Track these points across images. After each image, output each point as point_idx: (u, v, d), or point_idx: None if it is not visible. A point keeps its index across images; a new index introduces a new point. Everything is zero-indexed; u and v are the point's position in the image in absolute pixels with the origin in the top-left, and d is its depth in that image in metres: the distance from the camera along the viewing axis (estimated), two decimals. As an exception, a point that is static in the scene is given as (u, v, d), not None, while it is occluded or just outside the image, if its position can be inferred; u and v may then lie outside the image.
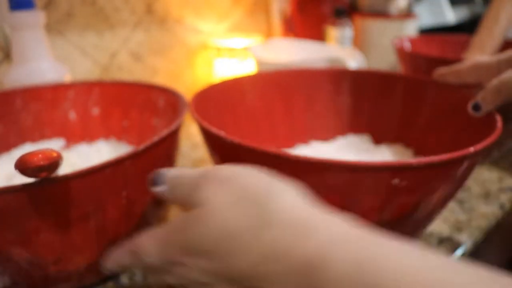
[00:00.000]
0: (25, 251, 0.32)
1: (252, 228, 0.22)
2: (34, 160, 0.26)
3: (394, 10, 0.96)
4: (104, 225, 0.35)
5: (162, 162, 0.38)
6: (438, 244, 0.44)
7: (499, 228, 0.49)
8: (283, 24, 1.01)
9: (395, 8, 0.96)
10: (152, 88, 0.51)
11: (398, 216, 0.32)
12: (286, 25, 1.01)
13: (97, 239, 0.35)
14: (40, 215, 0.31)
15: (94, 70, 0.75)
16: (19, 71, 0.57)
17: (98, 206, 0.33)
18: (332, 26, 0.87)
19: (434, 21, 1.09)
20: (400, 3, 0.96)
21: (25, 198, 0.29)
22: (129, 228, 0.37)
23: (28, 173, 0.27)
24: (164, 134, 0.36)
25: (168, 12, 0.84)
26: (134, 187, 0.35)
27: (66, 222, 0.32)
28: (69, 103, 0.54)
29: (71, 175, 0.30)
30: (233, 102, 0.50)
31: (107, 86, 0.54)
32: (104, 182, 0.32)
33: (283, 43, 0.79)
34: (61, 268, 0.35)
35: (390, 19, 0.95)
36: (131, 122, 0.53)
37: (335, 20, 0.87)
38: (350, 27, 0.87)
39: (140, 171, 0.35)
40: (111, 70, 0.78)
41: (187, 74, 0.91)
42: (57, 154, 0.27)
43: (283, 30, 1.02)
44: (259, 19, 1.03)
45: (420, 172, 0.29)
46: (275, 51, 0.75)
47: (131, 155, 0.33)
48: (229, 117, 0.49)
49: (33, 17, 0.55)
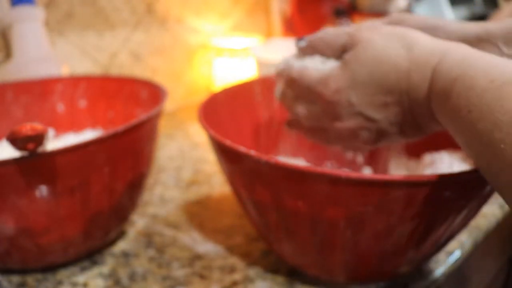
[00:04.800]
0: (15, 219, 0.36)
1: (400, 52, 0.30)
2: (23, 131, 0.30)
3: (394, 10, 0.96)
4: (88, 199, 0.39)
5: (142, 144, 0.43)
6: (438, 244, 0.44)
7: (499, 228, 0.49)
8: (283, 24, 1.01)
9: (395, 8, 0.96)
10: (135, 81, 0.54)
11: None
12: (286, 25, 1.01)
13: (82, 211, 0.39)
14: (29, 187, 0.34)
15: (94, 70, 0.75)
16: (19, 63, 0.59)
17: (83, 180, 0.37)
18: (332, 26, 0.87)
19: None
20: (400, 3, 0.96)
21: (16, 171, 0.33)
22: (111, 203, 0.41)
23: (18, 144, 0.31)
24: (143, 118, 0.40)
25: (168, 12, 0.84)
26: (116, 165, 0.39)
27: (52, 194, 0.36)
28: (58, 96, 0.57)
29: (57, 150, 0.34)
30: (240, 108, 0.50)
31: (93, 80, 0.57)
32: (87, 158, 0.36)
33: (283, 43, 0.79)
34: (50, 239, 0.38)
35: (390, 19, 0.95)
36: (116, 113, 0.56)
37: (335, 20, 0.87)
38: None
39: (121, 151, 0.39)
40: (111, 70, 0.78)
41: (187, 74, 0.91)
42: (43, 127, 0.31)
43: (283, 30, 1.02)
44: (259, 19, 1.03)
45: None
46: (275, 51, 0.75)
47: (112, 134, 0.37)
48: (237, 124, 0.49)
49: (33, 11, 0.59)
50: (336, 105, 0.33)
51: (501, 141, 0.21)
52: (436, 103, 0.28)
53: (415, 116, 0.31)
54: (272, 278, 0.40)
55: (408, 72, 0.30)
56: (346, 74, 0.33)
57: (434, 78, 0.28)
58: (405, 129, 0.33)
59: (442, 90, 0.27)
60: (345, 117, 0.34)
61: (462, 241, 0.44)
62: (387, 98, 0.31)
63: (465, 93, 0.24)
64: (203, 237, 0.46)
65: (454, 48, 0.28)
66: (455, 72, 0.26)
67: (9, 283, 0.40)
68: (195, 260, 0.42)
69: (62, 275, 0.41)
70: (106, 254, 0.44)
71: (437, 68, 0.28)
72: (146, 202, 0.53)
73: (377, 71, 0.31)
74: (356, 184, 0.28)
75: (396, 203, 0.29)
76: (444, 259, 0.42)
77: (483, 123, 0.23)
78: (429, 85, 0.29)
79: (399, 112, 0.32)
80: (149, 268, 0.41)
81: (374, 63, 0.31)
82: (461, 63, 0.26)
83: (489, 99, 0.23)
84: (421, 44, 0.30)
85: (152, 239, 0.46)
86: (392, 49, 0.31)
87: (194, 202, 0.53)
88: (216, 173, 0.60)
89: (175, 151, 0.69)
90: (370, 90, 0.32)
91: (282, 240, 0.37)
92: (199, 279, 0.40)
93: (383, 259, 0.34)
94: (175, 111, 0.87)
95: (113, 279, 0.40)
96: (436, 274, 0.40)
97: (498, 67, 0.24)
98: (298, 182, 0.30)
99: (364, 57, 0.32)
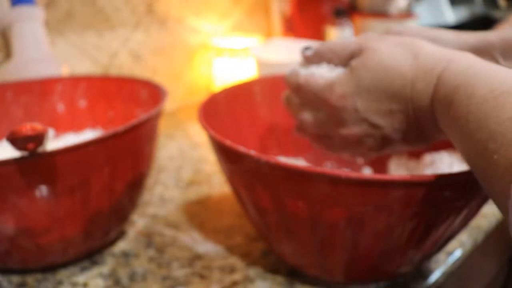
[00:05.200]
0: (15, 219, 0.36)
1: (407, 59, 0.31)
2: (23, 131, 0.30)
3: (394, 10, 0.96)
4: (88, 199, 0.39)
5: (142, 144, 0.43)
6: (438, 244, 0.44)
7: (499, 228, 0.49)
8: (283, 24, 1.01)
9: (395, 8, 0.96)
10: (135, 81, 0.54)
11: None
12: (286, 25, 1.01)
13: (82, 211, 0.39)
14: (29, 187, 0.35)
15: (94, 70, 0.75)
16: (19, 63, 0.59)
17: (83, 180, 0.37)
18: (332, 26, 0.87)
19: (433, 21, 1.09)
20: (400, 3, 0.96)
21: (16, 171, 0.33)
22: (111, 203, 0.41)
23: (18, 144, 0.31)
24: (143, 118, 0.40)
25: (168, 12, 0.84)
26: (116, 165, 0.39)
27: (52, 194, 0.36)
28: (58, 96, 0.57)
29: (57, 150, 0.34)
30: (240, 108, 0.50)
31: (93, 80, 0.57)
32: (87, 158, 0.36)
33: (283, 43, 0.79)
34: (50, 239, 0.38)
35: (390, 19, 0.95)
36: (116, 113, 0.56)
37: (335, 20, 0.87)
38: (350, 27, 0.87)
39: (121, 151, 0.39)
40: (111, 70, 0.78)
41: (187, 74, 0.91)
42: (43, 127, 0.31)
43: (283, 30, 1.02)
44: (259, 19, 1.03)
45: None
46: (275, 51, 0.75)
47: (112, 134, 0.37)
48: (237, 124, 0.49)
49: (33, 11, 0.59)
50: (341, 110, 0.34)
51: (495, 152, 0.21)
52: (438, 110, 0.28)
53: (420, 124, 0.32)
54: (272, 278, 0.40)
55: (414, 79, 0.30)
56: (352, 80, 0.33)
57: (438, 86, 0.28)
58: (409, 137, 0.33)
59: (444, 98, 0.27)
60: (350, 123, 0.34)
61: (462, 241, 0.44)
62: (392, 105, 0.32)
63: (465, 102, 0.24)
64: (203, 237, 0.46)
65: (459, 56, 0.28)
66: (458, 80, 0.26)
67: (9, 283, 0.40)
68: (195, 260, 0.42)
69: (62, 275, 0.41)
70: (106, 254, 0.44)
71: (441, 75, 0.28)
72: (146, 202, 0.53)
73: (383, 77, 0.31)
74: (356, 184, 0.28)
75: (395, 203, 0.29)
76: (444, 259, 0.42)
77: (480, 133, 0.23)
78: (433, 93, 0.29)
79: (404, 119, 0.32)
80: (149, 268, 0.41)
81: (380, 69, 0.31)
82: (465, 72, 0.26)
83: (487, 108, 0.23)
84: (427, 52, 0.30)
85: (152, 239, 0.46)
86: (398, 56, 0.31)
87: (194, 202, 0.53)
88: (216, 173, 0.60)
89: (175, 151, 0.69)
90: (375, 96, 0.32)
91: (282, 240, 0.37)
92: (199, 279, 0.40)
93: (383, 259, 0.34)
94: (175, 111, 0.87)
95: (113, 279, 0.40)
96: (436, 274, 0.40)
97: (499, 77, 0.24)
98: (298, 182, 0.30)
99: (370, 63, 0.32)
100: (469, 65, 0.27)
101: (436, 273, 0.40)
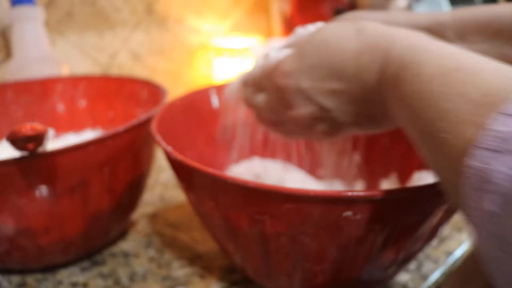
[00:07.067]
0: (15, 219, 0.36)
1: (351, 34, 0.30)
2: (23, 131, 0.30)
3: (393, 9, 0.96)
4: (88, 199, 0.39)
5: (142, 144, 0.42)
6: (439, 243, 0.44)
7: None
8: (283, 24, 1.01)
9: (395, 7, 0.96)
10: (135, 81, 0.54)
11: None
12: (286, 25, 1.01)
13: (82, 211, 0.39)
14: (29, 187, 0.35)
15: (94, 70, 0.75)
16: (19, 63, 0.59)
17: (83, 180, 0.37)
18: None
19: (434, 21, 1.09)
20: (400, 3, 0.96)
21: (16, 171, 0.33)
22: (111, 203, 0.41)
23: (18, 144, 0.31)
24: (143, 118, 0.40)
25: (168, 12, 0.84)
26: (116, 165, 0.39)
27: (52, 194, 0.36)
28: (58, 96, 0.57)
29: (57, 150, 0.34)
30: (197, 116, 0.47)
31: (93, 80, 0.57)
32: (87, 158, 0.36)
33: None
34: (50, 239, 0.38)
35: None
36: (116, 113, 0.56)
37: (335, 20, 0.87)
38: (350, 27, 0.87)
39: (121, 150, 0.39)
40: (111, 70, 0.78)
41: (187, 74, 0.91)
42: (43, 127, 0.31)
43: (283, 30, 1.02)
44: (259, 19, 1.03)
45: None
46: (275, 51, 0.75)
47: (112, 134, 0.37)
48: (192, 134, 0.47)
49: (33, 11, 0.59)
50: (286, 90, 0.33)
51: (444, 130, 0.20)
52: (385, 91, 0.27)
53: (368, 107, 0.30)
54: (272, 278, 0.40)
55: (357, 55, 0.29)
56: (296, 57, 0.32)
57: (383, 65, 0.27)
58: (360, 120, 0.32)
59: (390, 77, 0.26)
60: (297, 104, 0.33)
61: (462, 241, 0.44)
62: (335, 84, 0.30)
63: (412, 79, 0.23)
64: (203, 237, 0.46)
65: (405, 34, 0.27)
66: (405, 58, 0.25)
67: (9, 283, 0.40)
68: (195, 260, 0.42)
69: (62, 275, 0.41)
70: (106, 254, 0.44)
71: (387, 54, 0.27)
72: (146, 202, 0.53)
73: (325, 52, 0.31)
74: (290, 200, 0.27)
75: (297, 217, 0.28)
76: (444, 259, 0.42)
77: (429, 112, 0.21)
78: (379, 71, 0.28)
79: (351, 100, 0.31)
80: (149, 268, 0.41)
81: (323, 44, 0.31)
82: (412, 49, 0.25)
83: (436, 86, 0.21)
84: (370, 27, 0.29)
85: (152, 239, 0.46)
86: (341, 32, 0.30)
87: (194, 202, 0.53)
88: (216, 173, 0.60)
89: (175, 151, 0.69)
90: (318, 73, 0.31)
91: (235, 254, 0.35)
92: (199, 279, 0.40)
93: (336, 275, 0.32)
94: (175, 111, 0.87)
95: (113, 279, 0.40)
96: (436, 274, 0.40)
97: (447, 54, 0.23)
98: (240, 195, 0.29)
99: (314, 40, 0.32)
100: (416, 43, 0.25)
101: (436, 273, 0.40)
